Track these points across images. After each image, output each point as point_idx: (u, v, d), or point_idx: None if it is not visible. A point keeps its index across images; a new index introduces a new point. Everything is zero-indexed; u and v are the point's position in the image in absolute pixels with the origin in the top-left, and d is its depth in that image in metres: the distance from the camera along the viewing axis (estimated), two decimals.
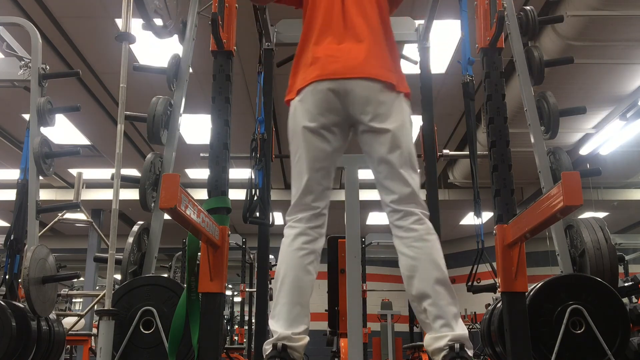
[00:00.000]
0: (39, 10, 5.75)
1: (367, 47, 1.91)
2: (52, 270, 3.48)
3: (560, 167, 3.21)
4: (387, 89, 1.88)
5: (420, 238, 1.78)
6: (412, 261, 1.75)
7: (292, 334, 1.72)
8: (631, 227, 12.57)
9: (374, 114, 1.86)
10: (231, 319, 11.22)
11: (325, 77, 1.86)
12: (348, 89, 1.85)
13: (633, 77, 6.63)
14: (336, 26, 1.95)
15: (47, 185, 10.82)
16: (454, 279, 9.02)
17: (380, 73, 1.88)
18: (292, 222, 1.89)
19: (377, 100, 1.86)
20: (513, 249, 2.22)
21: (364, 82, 1.85)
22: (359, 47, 1.90)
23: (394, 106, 1.89)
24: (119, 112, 2.97)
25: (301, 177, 1.89)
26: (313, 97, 1.88)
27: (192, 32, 3.33)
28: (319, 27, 1.97)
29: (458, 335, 1.67)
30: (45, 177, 3.81)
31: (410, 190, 1.84)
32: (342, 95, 1.86)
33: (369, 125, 1.87)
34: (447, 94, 7.28)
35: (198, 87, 6.90)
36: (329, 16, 1.97)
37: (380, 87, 1.86)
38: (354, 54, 1.89)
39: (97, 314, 3.03)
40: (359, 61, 1.88)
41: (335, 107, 1.87)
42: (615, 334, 2.54)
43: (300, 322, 1.76)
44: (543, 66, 3.36)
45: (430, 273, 1.72)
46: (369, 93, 1.85)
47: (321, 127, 1.87)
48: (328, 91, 1.86)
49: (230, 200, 2.50)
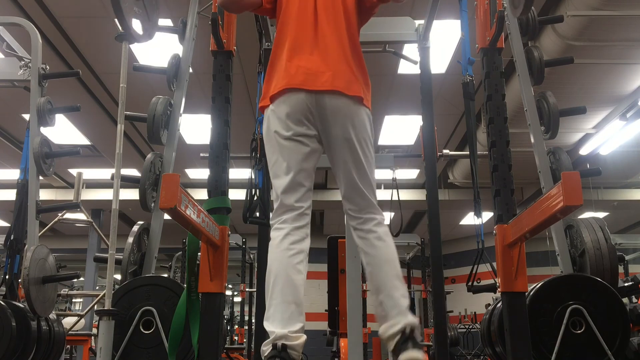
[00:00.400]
0: (39, 10, 5.75)
1: (337, 59, 1.98)
2: (52, 270, 3.48)
3: (560, 167, 3.21)
4: (354, 103, 1.96)
5: (380, 238, 1.93)
6: (373, 258, 1.92)
7: (289, 333, 1.72)
8: (631, 227, 12.57)
9: (342, 126, 1.94)
10: (231, 319, 11.22)
11: (297, 86, 1.93)
12: (318, 100, 1.93)
13: (633, 77, 6.62)
14: (308, 36, 2.02)
15: (47, 185, 10.82)
16: (454, 279, 9.15)
17: (350, 87, 1.95)
18: (277, 224, 1.93)
19: (344, 113, 1.94)
20: (513, 249, 2.22)
21: (333, 94, 1.93)
22: (329, 59, 1.97)
23: (359, 120, 1.97)
24: (119, 112, 2.97)
25: (282, 179, 1.94)
26: (285, 106, 1.94)
27: (192, 32, 3.33)
28: (292, 37, 2.03)
29: (410, 322, 1.82)
30: (45, 177, 3.81)
31: (370, 201, 1.99)
32: (312, 105, 1.93)
33: (335, 135, 1.96)
34: (447, 94, 7.28)
35: (198, 87, 6.90)
36: (302, 26, 2.04)
37: (348, 100, 1.94)
38: (324, 66, 1.96)
39: (97, 314, 3.03)
40: (329, 74, 1.94)
41: (307, 116, 1.94)
42: (615, 334, 2.54)
43: (296, 320, 1.76)
44: (543, 66, 3.36)
45: (388, 269, 1.90)
46: (337, 105, 1.93)
47: (295, 135, 1.94)
48: (299, 100, 1.93)
49: (230, 200, 2.51)
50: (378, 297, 1.89)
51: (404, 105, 7.68)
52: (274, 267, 1.84)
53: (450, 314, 11.69)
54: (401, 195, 3.64)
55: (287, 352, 1.70)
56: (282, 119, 1.94)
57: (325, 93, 1.92)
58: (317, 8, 2.06)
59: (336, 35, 2.02)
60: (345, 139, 1.95)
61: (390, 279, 1.88)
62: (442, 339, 3.42)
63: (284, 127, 1.93)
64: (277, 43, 2.08)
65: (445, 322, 3.54)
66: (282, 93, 1.94)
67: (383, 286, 1.88)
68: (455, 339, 9.40)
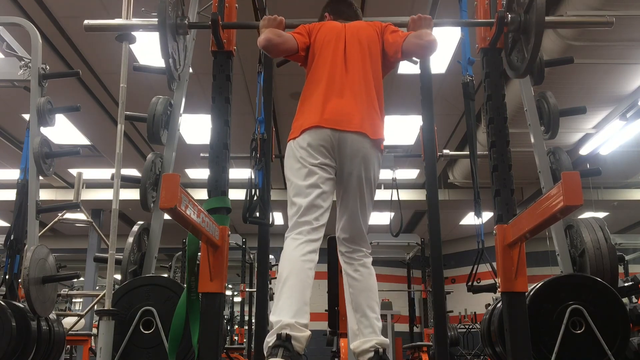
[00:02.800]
0: (39, 10, 5.75)
1: (363, 104, 2.22)
2: (52, 270, 3.48)
3: (560, 167, 3.21)
4: (373, 145, 2.20)
5: (364, 266, 2.21)
6: (356, 282, 2.17)
7: (296, 323, 1.76)
8: (631, 227, 12.57)
9: (359, 164, 2.18)
10: (231, 319, 11.22)
11: (325, 125, 2.15)
12: (342, 138, 2.15)
13: (633, 77, 6.62)
14: (340, 81, 2.25)
15: (47, 185, 10.81)
16: (454, 279, 9.14)
17: (372, 130, 2.19)
18: (294, 235, 2.09)
19: (363, 154, 2.18)
20: (513, 249, 2.22)
21: (357, 136, 2.16)
22: (356, 103, 2.21)
23: (375, 161, 2.23)
24: (119, 112, 2.97)
25: (304, 199, 2.13)
26: (312, 139, 2.16)
27: (192, 32, 3.33)
28: (326, 80, 2.25)
29: (382, 341, 2.06)
30: (45, 177, 3.81)
31: (363, 235, 2.25)
32: (336, 142, 2.16)
33: (349, 171, 2.19)
34: (447, 94, 7.27)
35: (198, 87, 6.90)
36: (335, 71, 2.27)
37: (369, 142, 2.18)
38: (351, 109, 2.19)
39: (97, 314, 3.03)
40: (359, 117, 2.18)
41: (329, 151, 2.17)
42: (615, 334, 2.54)
43: (304, 314, 1.85)
44: (543, 66, 3.36)
45: (368, 295, 2.15)
46: (359, 146, 2.17)
47: (321, 163, 2.17)
48: (325, 135, 2.15)
49: (230, 200, 2.50)
50: (355, 315, 2.14)
51: (404, 105, 7.68)
52: (287, 268, 1.96)
53: (450, 314, 11.69)
54: (401, 195, 3.64)
55: (292, 343, 1.70)
56: (308, 149, 2.16)
57: (351, 133, 2.15)
58: (347, 55, 2.30)
59: (364, 80, 2.26)
60: (357, 176, 2.18)
61: (369, 302, 2.13)
62: (442, 339, 3.42)
63: (310, 156, 2.16)
64: (310, 83, 2.31)
65: (445, 322, 3.54)
66: (312, 128, 2.16)
67: (360, 308, 2.13)
68: (455, 339, 9.40)
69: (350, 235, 2.23)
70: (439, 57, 6.39)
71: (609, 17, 2.71)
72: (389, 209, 3.43)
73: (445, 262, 5.90)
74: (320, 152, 2.15)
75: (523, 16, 2.32)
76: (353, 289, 2.16)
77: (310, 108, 2.22)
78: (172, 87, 3.37)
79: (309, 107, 2.24)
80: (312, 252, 2.04)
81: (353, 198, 2.21)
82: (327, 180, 2.16)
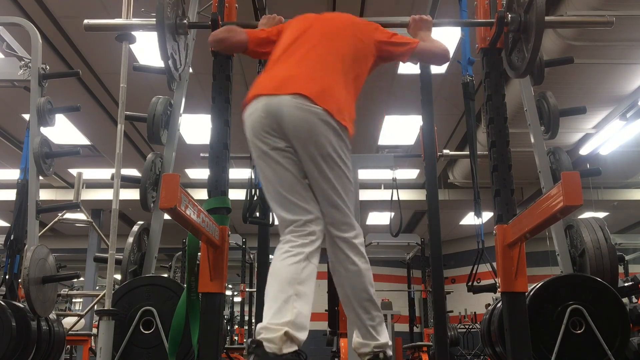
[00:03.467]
0: (39, 10, 5.75)
1: (320, 71, 1.90)
2: (52, 270, 3.48)
3: (560, 167, 3.21)
4: (326, 116, 1.83)
5: (348, 256, 1.88)
6: (342, 279, 1.90)
7: (269, 324, 1.63)
8: (631, 227, 12.57)
9: (308, 137, 1.83)
10: (231, 319, 11.21)
11: (263, 92, 1.89)
12: (281, 103, 1.84)
13: (633, 77, 6.62)
14: (299, 52, 1.97)
15: (47, 185, 10.81)
16: (454, 279, 9.14)
17: (323, 98, 1.84)
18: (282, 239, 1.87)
19: (311, 124, 1.82)
20: (513, 249, 2.22)
21: (299, 99, 1.82)
22: (309, 69, 1.90)
23: (329, 133, 1.84)
24: (119, 112, 2.97)
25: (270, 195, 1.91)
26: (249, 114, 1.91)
27: (192, 32, 3.33)
28: (280, 51, 2.02)
29: (380, 344, 1.88)
30: (45, 177, 3.81)
31: (342, 219, 1.89)
32: (275, 109, 1.85)
33: (310, 150, 1.85)
34: (447, 94, 7.27)
35: (198, 87, 6.90)
36: (292, 44, 2.01)
37: (321, 110, 1.82)
38: (298, 72, 1.90)
39: (97, 314, 3.03)
40: (301, 79, 1.87)
41: (272, 127, 1.86)
42: (615, 334, 2.54)
43: (284, 312, 1.66)
44: (543, 66, 3.36)
45: (354, 290, 1.89)
46: (301, 113, 1.82)
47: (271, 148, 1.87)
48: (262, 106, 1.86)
49: (230, 200, 2.50)
50: (346, 311, 1.94)
51: (404, 105, 7.68)
52: (270, 274, 1.77)
53: (450, 314, 11.68)
54: (401, 195, 3.64)
55: (262, 348, 1.62)
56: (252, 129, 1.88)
57: (289, 96, 1.82)
58: (315, 31, 2.04)
59: (332, 55, 1.95)
60: (309, 152, 1.84)
61: (358, 299, 1.88)
62: (442, 339, 3.42)
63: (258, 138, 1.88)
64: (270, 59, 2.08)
65: (445, 322, 3.54)
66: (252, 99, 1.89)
67: (350, 304, 1.90)
68: (455, 339, 9.41)
69: (330, 221, 1.90)
70: None
71: (609, 17, 2.71)
72: (389, 209, 3.43)
73: (445, 262, 5.91)
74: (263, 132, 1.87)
75: (523, 16, 2.32)
76: (340, 287, 1.91)
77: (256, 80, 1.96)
78: (172, 87, 3.37)
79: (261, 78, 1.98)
80: (298, 246, 1.81)
81: (313, 179, 1.88)
82: (287, 169, 1.87)
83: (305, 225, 1.84)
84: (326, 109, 1.81)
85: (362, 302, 1.88)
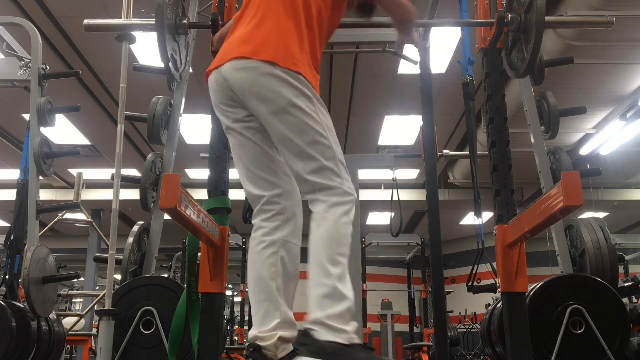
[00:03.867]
0: (39, 10, 5.76)
1: (264, 22, 1.73)
2: (52, 270, 3.48)
3: (560, 167, 3.21)
4: (272, 68, 1.65)
5: (314, 219, 1.69)
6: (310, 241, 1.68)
7: (259, 333, 1.62)
8: (631, 227, 12.57)
9: (254, 101, 1.69)
10: (231, 319, 11.23)
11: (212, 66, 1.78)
12: (224, 73, 1.73)
13: (633, 77, 6.62)
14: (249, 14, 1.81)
15: (47, 185, 10.81)
16: (454, 279, 9.15)
17: (268, 55, 1.65)
18: (254, 223, 1.78)
19: (251, 84, 1.67)
20: (513, 249, 2.22)
21: (236, 62, 1.69)
22: (254, 26, 1.74)
23: (272, 82, 1.65)
24: (119, 112, 2.97)
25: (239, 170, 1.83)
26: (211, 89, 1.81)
27: (192, 32, 3.33)
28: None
29: (313, 318, 1.56)
30: (45, 177, 3.81)
31: (316, 162, 1.68)
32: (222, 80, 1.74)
33: (261, 110, 1.69)
34: (447, 94, 7.28)
35: (198, 87, 6.90)
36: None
37: (255, 64, 1.65)
38: (241, 33, 1.76)
39: (97, 314, 3.03)
40: (239, 40, 1.74)
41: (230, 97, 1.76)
42: (615, 334, 2.54)
43: (270, 318, 1.62)
44: (543, 66, 3.36)
45: (318, 250, 1.68)
46: (240, 75, 1.68)
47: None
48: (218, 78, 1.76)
49: (230, 200, 2.50)
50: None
51: (404, 105, 7.68)
52: (248, 269, 1.73)
53: (450, 314, 11.69)
54: (401, 195, 3.64)
55: (260, 352, 1.63)
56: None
57: (229, 62, 1.69)
58: None
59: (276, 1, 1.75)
60: (261, 116, 1.69)
61: (318, 262, 1.66)
62: (442, 339, 3.42)
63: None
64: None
65: (445, 322, 3.54)
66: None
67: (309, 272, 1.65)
68: (455, 339, 9.41)
69: (299, 172, 1.69)
70: (439, 57, 6.40)
71: (609, 17, 2.71)
72: (389, 209, 3.43)
73: (445, 262, 5.91)
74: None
75: (523, 16, 2.32)
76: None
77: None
78: (172, 87, 3.38)
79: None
80: (269, 234, 1.73)
81: (276, 140, 1.71)
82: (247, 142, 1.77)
83: (271, 204, 1.74)
84: (266, 60, 1.64)
85: (323, 262, 1.70)
